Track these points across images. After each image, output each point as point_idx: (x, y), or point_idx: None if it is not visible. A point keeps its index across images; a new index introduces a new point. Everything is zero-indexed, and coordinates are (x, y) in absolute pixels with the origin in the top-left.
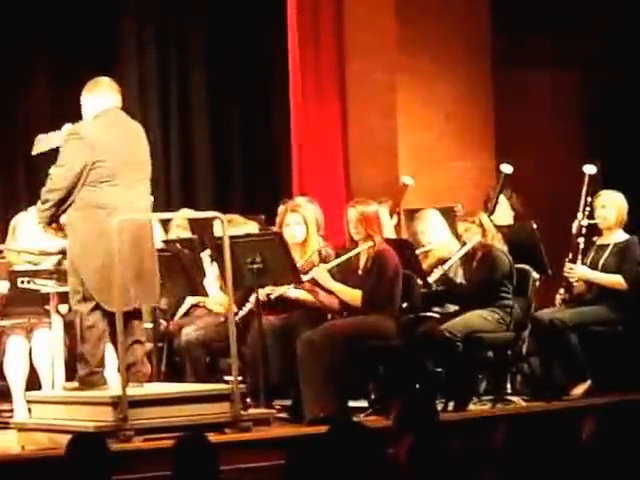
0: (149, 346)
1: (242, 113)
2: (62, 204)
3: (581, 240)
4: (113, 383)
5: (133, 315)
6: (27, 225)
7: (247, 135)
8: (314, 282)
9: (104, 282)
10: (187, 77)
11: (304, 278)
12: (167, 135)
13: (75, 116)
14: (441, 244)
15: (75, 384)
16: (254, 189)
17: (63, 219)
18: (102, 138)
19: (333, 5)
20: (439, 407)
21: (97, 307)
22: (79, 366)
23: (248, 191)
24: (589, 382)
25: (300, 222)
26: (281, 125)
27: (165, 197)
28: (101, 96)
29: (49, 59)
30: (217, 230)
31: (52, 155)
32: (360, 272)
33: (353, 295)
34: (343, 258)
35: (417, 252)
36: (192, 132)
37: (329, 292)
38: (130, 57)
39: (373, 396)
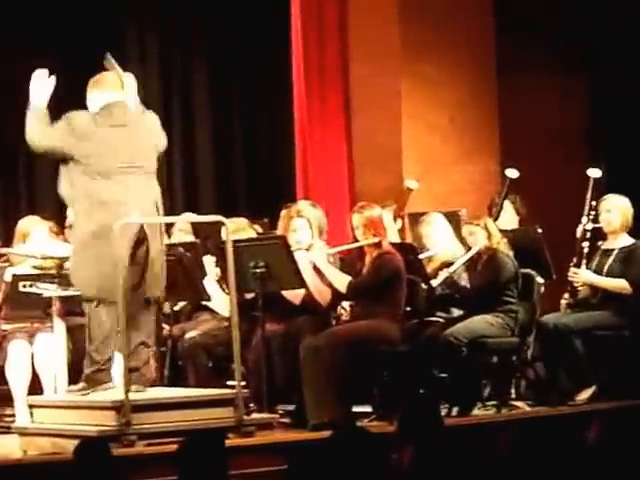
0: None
1: (245, 117)
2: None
3: (586, 244)
4: (117, 387)
5: (141, 313)
6: (39, 230)
7: (250, 139)
8: (312, 265)
9: (103, 279)
10: (189, 82)
11: (305, 256)
12: (170, 139)
13: None
14: (445, 248)
15: (79, 385)
16: (257, 193)
17: (69, 221)
18: (93, 134)
19: (337, 9)
20: (443, 412)
21: (104, 305)
22: (85, 364)
23: (251, 195)
24: (594, 387)
25: (306, 226)
26: (284, 129)
27: (168, 201)
28: (101, 91)
29: (50, 62)
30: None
31: (52, 158)
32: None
33: (342, 280)
34: (345, 247)
35: (421, 256)
36: (195, 136)
37: (326, 283)
38: (132, 60)
39: (377, 401)
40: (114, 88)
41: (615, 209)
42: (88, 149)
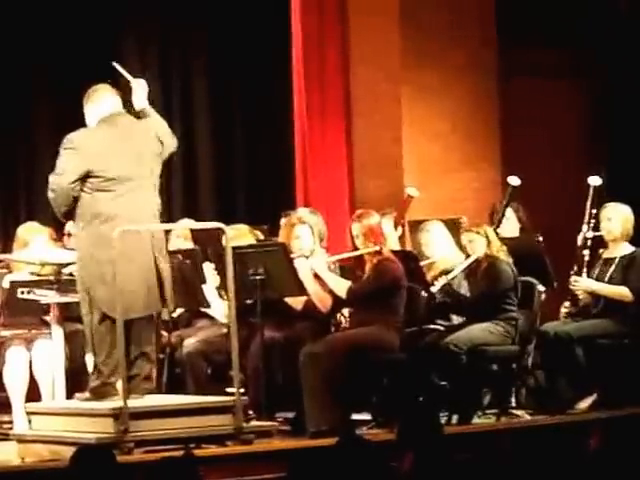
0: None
1: (245, 123)
2: (67, 207)
3: (586, 252)
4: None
5: (145, 326)
6: (38, 237)
7: (251, 145)
8: (313, 272)
9: (109, 291)
10: (190, 89)
11: (305, 263)
12: None
13: (76, 126)
14: (444, 256)
15: (86, 395)
16: (257, 199)
17: (68, 228)
18: (96, 147)
19: (337, 16)
20: (443, 420)
21: (107, 316)
22: (92, 377)
23: (251, 201)
24: (595, 396)
25: (309, 233)
26: (285, 135)
27: (167, 207)
28: (98, 103)
29: (49, 69)
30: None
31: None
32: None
33: (342, 286)
34: (345, 255)
35: (421, 264)
36: (195, 143)
37: (326, 289)
38: (132, 66)
39: (376, 409)
40: (109, 98)
41: (616, 217)
42: (90, 164)
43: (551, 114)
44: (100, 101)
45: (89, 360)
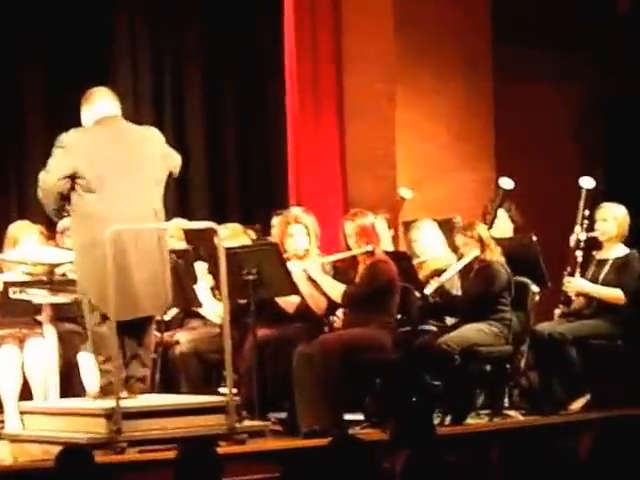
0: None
1: (239, 123)
2: (55, 204)
3: (579, 254)
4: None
5: (142, 328)
6: (29, 236)
7: (244, 145)
8: (306, 274)
9: (103, 291)
10: (182, 87)
11: (299, 266)
12: None
13: (68, 125)
14: (436, 255)
15: (98, 393)
16: (250, 199)
17: (61, 226)
18: (85, 147)
19: (331, 15)
20: (436, 421)
21: (107, 318)
22: (98, 377)
23: (243, 201)
24: (588, 396)
25: (303, 233)
26: (278, 136)
27: None
28: (94, 105)
29: (40, 68)
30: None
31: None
32: (357, 281)
33: (337, 290)
34: (338, 256)
35: (413, 262)
36: (188, 142)
37: (321, 292)
38: (123, 66)
39: (369, 409)
40: (104, 101)
41: (611, 218)
42: (77, 163)
43: (546, 115)
44: (96, 103)
45: (81, 359)
